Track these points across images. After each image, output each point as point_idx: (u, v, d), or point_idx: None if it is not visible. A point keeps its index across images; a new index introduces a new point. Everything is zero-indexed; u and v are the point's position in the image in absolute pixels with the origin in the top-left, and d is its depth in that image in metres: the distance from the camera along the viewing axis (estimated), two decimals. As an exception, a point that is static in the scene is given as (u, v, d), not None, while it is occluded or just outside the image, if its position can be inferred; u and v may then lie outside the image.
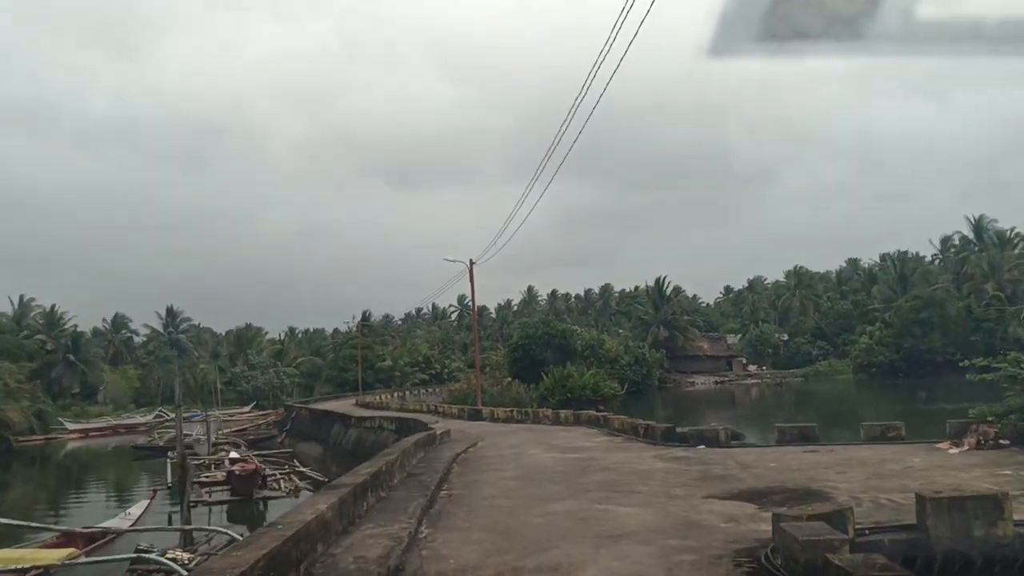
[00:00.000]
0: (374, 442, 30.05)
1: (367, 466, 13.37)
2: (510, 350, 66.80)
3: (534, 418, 29.53)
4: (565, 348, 62.62)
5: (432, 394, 74.21)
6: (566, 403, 54.07)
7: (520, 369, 64.96)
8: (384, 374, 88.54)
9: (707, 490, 13.01)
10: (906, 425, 19.09)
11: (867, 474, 14.01)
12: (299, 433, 46.01)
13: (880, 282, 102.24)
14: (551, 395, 54.59)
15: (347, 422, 35.94)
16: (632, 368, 77.73)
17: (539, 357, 61.88)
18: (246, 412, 76.33)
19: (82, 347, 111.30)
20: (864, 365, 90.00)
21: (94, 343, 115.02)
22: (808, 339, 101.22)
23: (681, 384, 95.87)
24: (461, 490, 14.21)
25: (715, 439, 18.32)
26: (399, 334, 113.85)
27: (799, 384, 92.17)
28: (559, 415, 28.47)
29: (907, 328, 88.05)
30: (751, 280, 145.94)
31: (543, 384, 55.51)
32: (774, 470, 14.86)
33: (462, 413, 35.81)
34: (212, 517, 26.77)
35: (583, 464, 16.68)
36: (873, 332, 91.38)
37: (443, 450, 19.93)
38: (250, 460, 32.28)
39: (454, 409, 37.24)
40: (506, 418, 31.30)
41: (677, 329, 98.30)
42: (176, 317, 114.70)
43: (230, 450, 43.39)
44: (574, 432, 24.30)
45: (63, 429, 67.69)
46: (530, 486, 14.23)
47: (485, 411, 33.35)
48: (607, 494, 13.00)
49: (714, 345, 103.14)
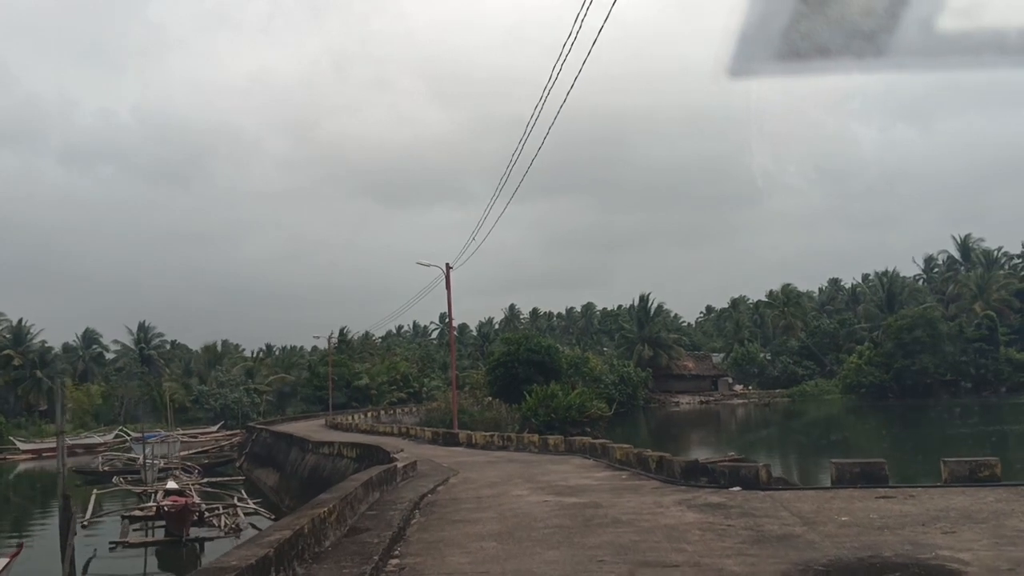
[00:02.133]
0: (332, 471, 25.58)
1: (280, 527, 8.99)
2: (490, 367, 62.31)
3: (518, 444, 25.12)
4: (549, 366, 58.17)
5: (409, 414, 69.56)
6: (550, 424, 49.63)
7: (501, 387, 60.49)
8: (360, 393, 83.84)
9: (774, 562, 8.74)
10: (946, 454, 15.02)
11: (988, 536, 9.76)
12: (258, 457, 41.16)
13: (867, 301, 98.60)
14: (534, 415, 50.10)
15: (305, 447, 31.20)
16: (617, 387, 73.50)
17: (521, 375, 57.45)
18: (212, 432, 71.36)
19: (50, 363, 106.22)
20: (853, 385, 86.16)
21: (63, 359, 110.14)
22: (794, 359, 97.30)
23: (665, 404, 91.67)
24: (418, 558, 9.82)
25: (754, 478, 13.93)
26: (378, 352, 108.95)
27: (786, 405, 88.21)
28: (547, 441, 24.06)
29: (898, 348, 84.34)
30: (734, 299, 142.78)
31: (526, 404, 51.00)
32: (851, 527, 10.59)
33: (436, 437, 31.33)
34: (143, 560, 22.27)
35: (586, 514, 12.33)
36: (863, 352, 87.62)
37: (405, 489, 15.50)
38: (189, 491, 27.63)
39: (427, 432, 32.75)
40: (485, 444, 26.89)
41: (662, 347, 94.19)
42: (147, 332, 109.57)
43: (174, 478, 38.74)
44: (567, 464, 19.94)
45: (14, 449, 62.45)
46: (517, 553, 9.86)
47: (462, 435, 28.85)
48: (630, 570, 8.69)
49: (699, 364, 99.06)
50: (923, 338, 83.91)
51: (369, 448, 24.08)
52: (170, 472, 40.46)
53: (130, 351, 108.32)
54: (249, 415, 77.07)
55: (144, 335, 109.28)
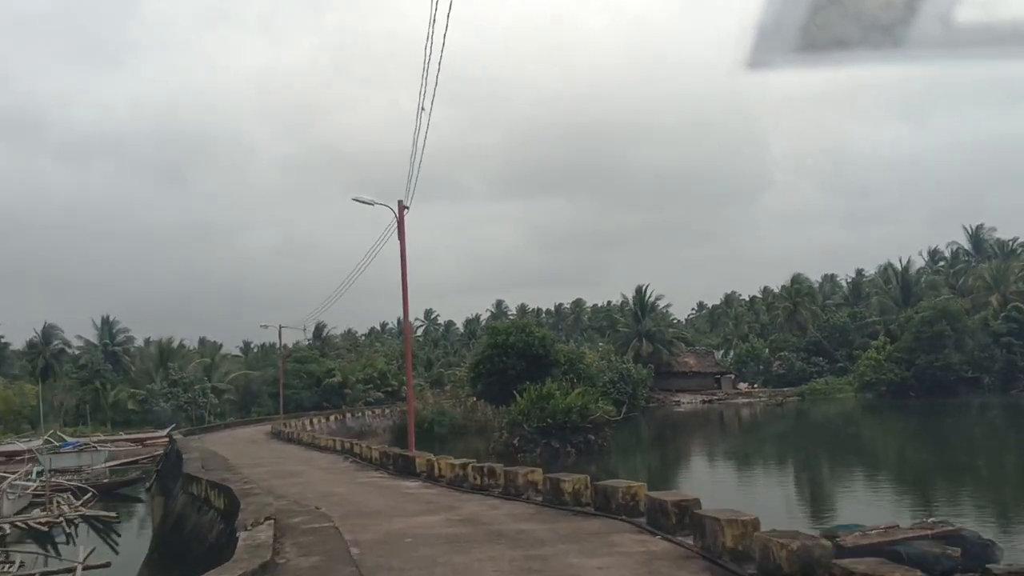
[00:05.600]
0: (194, 530, 14.46)
1: None
2: (474, 363, 50.92)
3: (507, 486, 13.80)
4: (544, 361, 46.79)
5: (381, 416, 58.31)
6: (546, 430, 38.53)
7: (487, 386, 49.26)
8: (333, 392, 72.44)
9: None
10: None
11: None
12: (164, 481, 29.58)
13: (880, 294, 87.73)
14: (526, 420, 39.08)
15: (187, 480, 19.52)
16: (616, 386, 62.22)
17: (511, 371, 46.19)
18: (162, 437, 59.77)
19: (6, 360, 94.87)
20: (871, 383, 75.37)
21: (23, 356, 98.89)
22: (802, 355, 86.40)
23: (665, 403, 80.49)
24: None
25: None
26: (356, 348, 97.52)
27: (797, 404, 77.28)
28: (559, 487, 12.66)
29: (919, 343, 73.67)
30: (728, 295, 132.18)
31: (516, 406, 39.98)
32: None
33: (385, 461, 20.08)
34: None
35: None
36: (880, 347, 76.86)
37: None
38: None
39: (374, 452, 21.44)
40: (454, 478, 15.66)
41: (661, 343, 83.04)
42: (112, 328, 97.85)
43: (47, 506, 27.40)
44: (614, 552, 8.80)
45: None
46: None
47: (420, 461, 17.58)
48: None
49: (701, 361, 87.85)
50: (946, 332, 73.36)
51: (248, 495, 12.85)
52: (50, 499, 29.14)
53: (94, 348, 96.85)
54: (205, 417, 65.60)
55: (109, 331, 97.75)
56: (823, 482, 31.42)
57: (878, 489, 28.67)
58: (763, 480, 33.34)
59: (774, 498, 26.83)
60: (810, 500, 27.35)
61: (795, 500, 27.34)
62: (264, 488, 14.47)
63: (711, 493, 22.92)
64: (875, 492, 27.47)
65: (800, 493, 29.42)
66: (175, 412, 63.72)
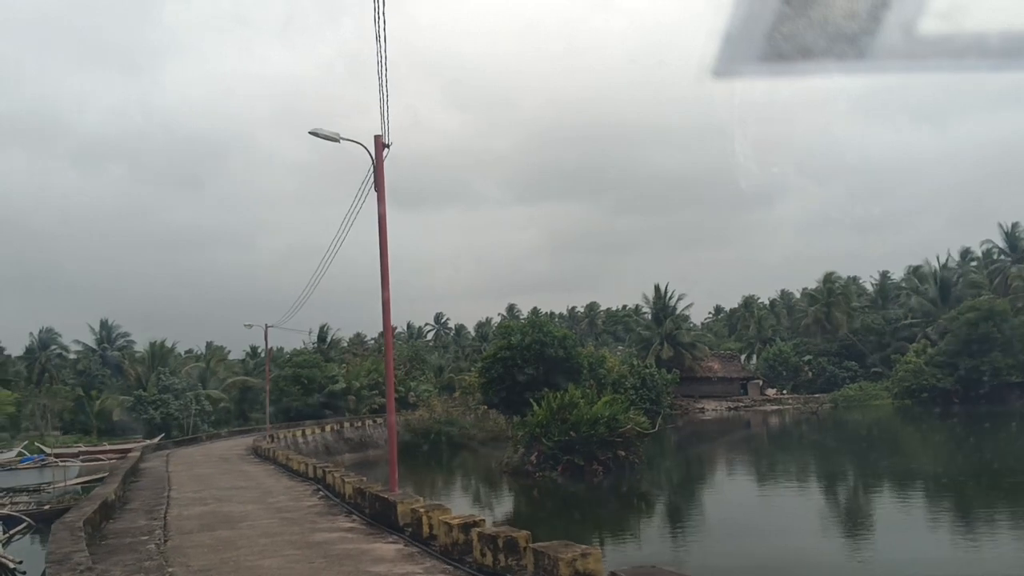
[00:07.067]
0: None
1: None
2: (484, 367, 44.63)
3: (538, 573, 7.93)
4: (564, 364, 40.50)
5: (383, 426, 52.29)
6: (569, 445, 32.45)
7: (498, 393, 43.12)
8: (337, 398, 66.57)
9: None
10: None
11: None
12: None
13: (918, 294, 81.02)
14: (545, 433, 32.98)
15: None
16: (638, 392, 55.98)
17: (526, 377, 39.95)
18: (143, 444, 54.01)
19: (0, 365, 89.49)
20: (911, 389, 68.77)
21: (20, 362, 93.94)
22: (833, 359, 79.88)
23: (689, 411, 74.15)
24: None
25: None
26: (363, 352, 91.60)
27: (831, 412, 70.82)
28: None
29: (963, 346, 67.16)
30: (746, 298, 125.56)
31: (534, 416, 33.86)
32: None
33: (360, 502, 14.01)
34: None
35: None
36: (919, 350, 70.37)
37: None
38: None
39: (348, 487, 15.36)
40: (450, 546, 9.66)
41: (683, 346, 76.78)
42: (111, 332, 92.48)
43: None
44: None
45: None
46: None
47: (403, 509, 11.60)
48: None
49: (726, 365, 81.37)
50: (992, 334, 66.82)
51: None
52: None
53: (93, 352, 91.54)
54: (198, 425, 59.80)
55: (107, 335, 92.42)
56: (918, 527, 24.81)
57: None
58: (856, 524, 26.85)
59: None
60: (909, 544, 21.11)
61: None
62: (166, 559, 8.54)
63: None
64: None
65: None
66: (165, 420, 57.97)
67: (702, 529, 24.94)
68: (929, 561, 18.58)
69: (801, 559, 19.65)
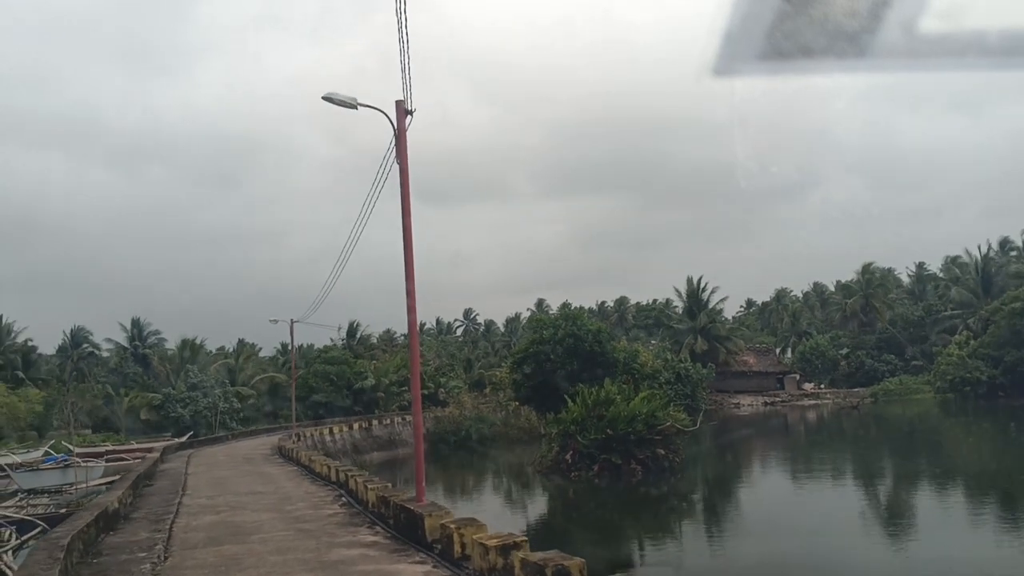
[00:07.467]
0: None
1: None
2: (515, 362, 42.94)
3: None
4: (599, 359, 38.84)
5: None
6: (606, 444, 30.83)
7: (530, 390, 41.55)
8: (366, 395, 65.41)
9: None
10: None
11: None
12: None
13: (960, 284, 78.17)
14: (580, 431, 31.38)
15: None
16: (673, 387, 54.12)
17: (559, 372, 38.28)
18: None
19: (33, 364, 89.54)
20: (954, 382, 66.18)
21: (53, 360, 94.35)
22: (873, 352, 77.29)
23: (724, 406, 72.05)
24: None
25: None
26: (393, 349, 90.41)
27: (871, 406, 68.33)
28: None
29: (1009, 337, 64.48)
30: (779, 291, 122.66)
31: (568, 413, 32.28)
32: None
33: (383, 511, 12.54)
34: None
35: None
36: (962, 342, 67.77)
37: None
38: None
39: (371, 494, 13.84)
40: (487, 571, 8.16)
41: (718, 340, 74.69)
42: (142, 330, 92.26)
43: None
44: None
45: None
46: None
47: (432, 523, 10.19)
48: None
49: (762, 359, 79.12)
50: (1039, 324, 64.10)
51: None
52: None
53: (124, 350, 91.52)
54: (227, 423, 58.92)
55: (138, 332, 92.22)
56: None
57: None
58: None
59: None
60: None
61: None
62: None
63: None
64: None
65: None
66: (194, 418, 57.16)
67: (753, 533, 23.14)
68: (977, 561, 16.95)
69: (846, 561, 18.04)
